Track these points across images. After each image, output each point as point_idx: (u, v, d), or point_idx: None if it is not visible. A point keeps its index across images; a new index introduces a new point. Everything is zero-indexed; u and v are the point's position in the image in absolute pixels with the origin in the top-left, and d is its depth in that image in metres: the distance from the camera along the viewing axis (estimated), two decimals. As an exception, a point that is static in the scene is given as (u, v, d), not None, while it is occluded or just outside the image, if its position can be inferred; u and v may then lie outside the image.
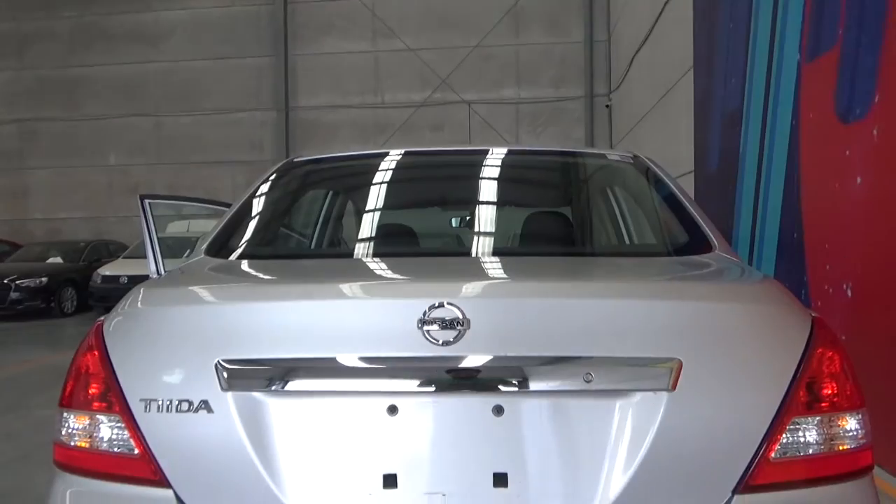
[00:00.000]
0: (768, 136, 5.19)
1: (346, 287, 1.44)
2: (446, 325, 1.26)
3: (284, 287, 1.56)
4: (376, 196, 2.27)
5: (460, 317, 1.26)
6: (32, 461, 3.99)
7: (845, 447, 1.29)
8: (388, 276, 1.68)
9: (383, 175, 2.27)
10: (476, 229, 2.21)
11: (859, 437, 1.30)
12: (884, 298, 3.53)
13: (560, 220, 2.28)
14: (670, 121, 8.72)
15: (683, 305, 1.34)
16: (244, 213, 2.09)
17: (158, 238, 3.89)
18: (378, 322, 1.31)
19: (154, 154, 16.04)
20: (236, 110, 15.75)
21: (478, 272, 1.63)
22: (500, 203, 2.27)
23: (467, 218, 2.28)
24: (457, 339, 1.26)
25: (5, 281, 11.16)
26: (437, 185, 2.43)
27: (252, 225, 2.07)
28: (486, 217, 2.17)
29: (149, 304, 1.45)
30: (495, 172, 2.28)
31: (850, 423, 1.30)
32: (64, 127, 16.19)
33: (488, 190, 2.24)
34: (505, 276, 1.62)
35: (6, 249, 13.99)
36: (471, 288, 1.38)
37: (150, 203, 4.11)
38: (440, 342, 1.26)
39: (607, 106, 14.70)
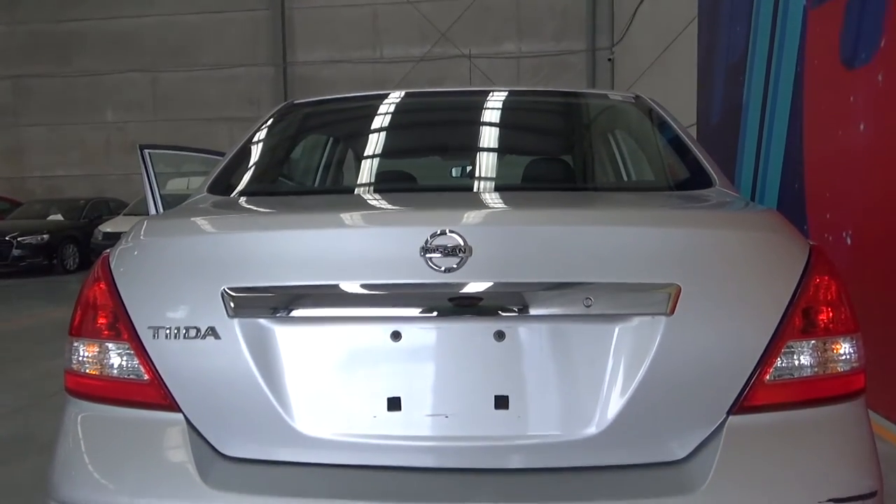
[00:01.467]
0: (772, 84, 5.14)
1: (349, 216, 1.45)
2: (448, 252, 1.27)
3: (288, 216, 1.57)
4: (375, 144, 2.26)
5: (462, 244, 1.28)
6: (41, 408, 4.07)
7: (839, 370, 1.32)
8: (391, 206, 1.69)
9: (382, 121, 2.26)
10: (477, 176, 2.21)
11: (853, 360, 1.33)
12: (883, 246, 3.55)
13: (563, 165, 2.28)
14: (673, 74, 8.62)
15: (683, 232, 1.35)
16: (246, 153, 2.09)
17: (159, 186, 3.90)
18: (381, 250, 1.32)
19: (151, 111, 15.90)
20: (233, 66, 15.55)
21: (479, 203, 1.64)
22: (502, 151, 2.26)
23: (468, 168, 2.28)
24: (459, 266, 1.27)
25: (7, 238, 11.19)
26: (437, 133, 2.42)
27: (254, 164, 2.07)
28: (487, 166, 2.16)
29: (154, 235, 1.46)
30: (497, 117, 2.27)
31: (844, 348, 1.33)
32: (59, 83, 16.00)
33: (490, 137, 2.23)
34: (506, 205, 1.63)
35: (6, 207, 13.99)
36: (472, 216, 1.39)
37: (149, 153, 4.11)
38: (442, 269, 1.27)
39: (609, 59, 14.50)
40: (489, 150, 2.09)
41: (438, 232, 1.29)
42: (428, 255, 1.28)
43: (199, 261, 1.38)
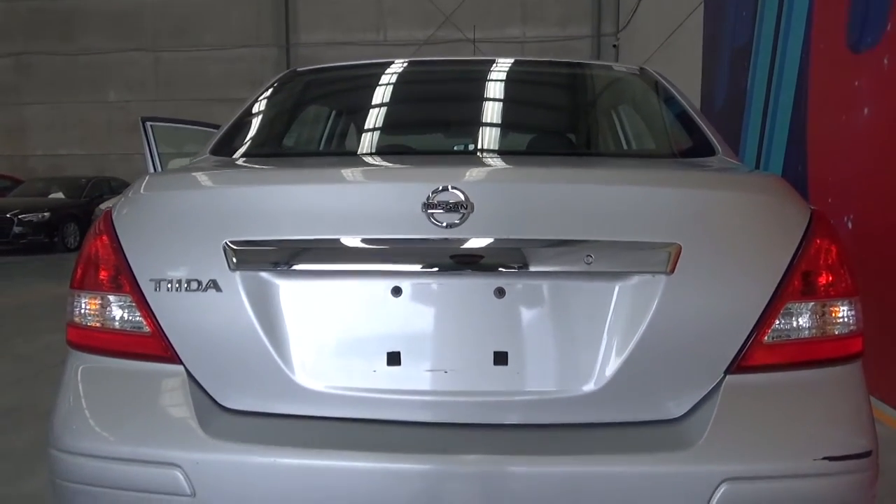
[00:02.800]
0: (777, 69, 5.12)
1: (351, 171, 1.45)
2: (450, 208, 1.28)
3: (291, 171, 1.57)
4: (376, 118, 2.25)
5: (464, 200, 1.28)
6: (41, 379, 4.09)
7: (837, 333, 1.33)
8: (394, 164, 1.69)
9: (384, 94, 2.24)
10: (481, 148, 2.21)
11: (850, 324, 1.33)
12: (884, 232, 3.55)
13: (567, 135, 2.26)
14: (678, 60, 8.57)
15: (684, 192, 1.35)
16: (249, 118, 2.08)
17: (161, 159, 3.90)
18: (383, 205, 1.32)
19: (153, 91, 15.84)
20: (236, 46, 15.48)
21: (482, 162, 1.64)
22: (508, 123, 2.25)
23: (470, 146, 2.27)
24: (460, 222, 1.28)
25: (8, 215, 11.19)
26: (440, 109, 2.41)
27: (257, 129, 2.07)
28: (491, 138, 2.15)
29: (157, 189, 1.47)
30: (501, 91, 2.26)
31: (843, 311, 1.33)
32: (61, 61, 15.94)
33: (494, 113, 2.22)
34: (509, 164, 1.63)
35: (7, 185, 13.98)
36: (475, 173, 1.39)
37: (151, 125, 4.11)
38: (444, 225, 1.28)
39: (615, 46, 14.43)
40: (495, 125, 2.08)
41: (440, 188, 1.29)
42: (430, 211, 1.28)
43: (202, 214, 1.39)
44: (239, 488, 1.24)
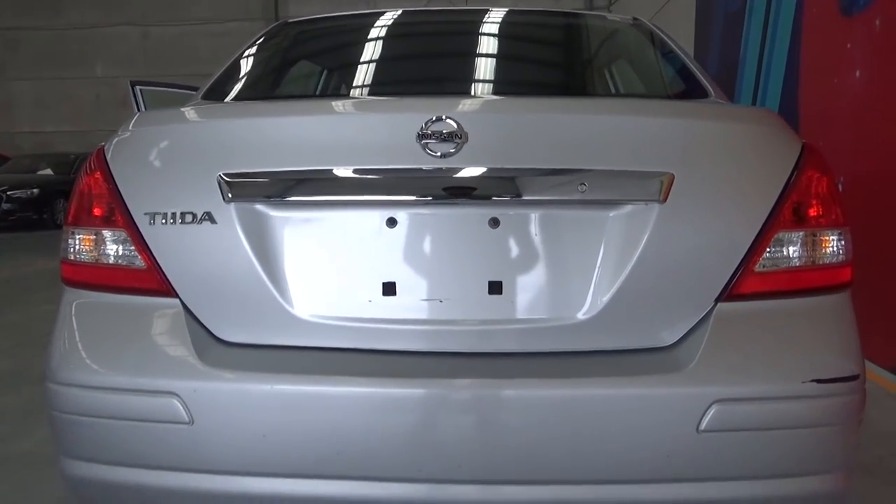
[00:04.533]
0: (769, 36, 5.11)
1: (346, 103, 1.45)
2: (444, 138, 1.28)
3: (285, 104, 1.57)
4: (368, 66, 2.22)
5: (458, 130, 1.28)
6: (33, 346, 4.10)
7: (825, 262, 1.34)
8: (388, 96, 1.69)
9: (376, 43, 2.22)
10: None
11: (839, 254, 1.35)
12: (874, 193, 3.57)
13: (563, 78, 2.24)
14: (671, 29, 8.52)
15: (678, 123, 1.36)
16: (240, 66, 2.07)
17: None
18: (377, 136, 1.32)
19: (142, 66, 15.65)
20: (225, 20, 15.28)
21: (476, 96, 1.64)
22: (501, 71, 2.22)
23: (464, 89, 2.24)
24: (455, 151, 1.28)
25: (-4, 191, 11.09)
26: (433, 57, 2.38)
27: (248, 75, 2.05)
28: (483, 84, 2.14)
29: (149, 125, 1.46)
30: (495, 39, 2.22)
31: (832, 241, 1.35)
32: (48, 36, 15.71)
33: (488, 59, 2.18)
34: (503, 96, 1.64)
35: (-6, 162, 13.83)
36: (469, 104, 1.39)
37: (141, 89, 4.07)
38: (438, 154, 1.28)
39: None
40: (489, 70, 2.07)
41: (434, 118, 1.29)
42: (424, 141, 1.28)
43: (195, 147, 1.38)
44: (236, 416, 1.26)
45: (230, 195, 1.33)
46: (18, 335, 4.48)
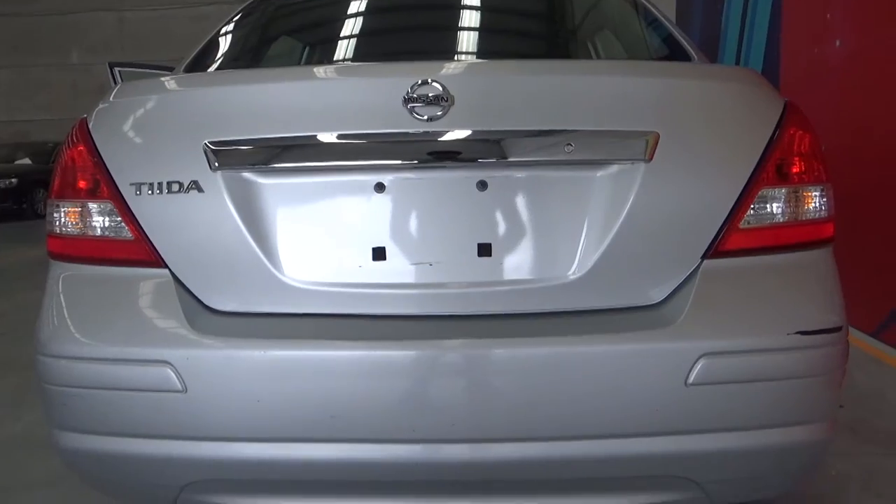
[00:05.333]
0: (750, 10, 5.13)
1: (331, 69, 1.44)
2: (430, 101, 1.28)
3: (269, 71, 1.56)
4: (350, 33, 2.19)
5: (444, 93, 1.28)
6: (18, 335, 4.06)
7: (809, 218, 1.37)
8: (373, 60, 1.68)
9: (354, 23, 2.19)
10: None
11: (822, 209, 1.38)
12: (854, 160, 3.62)
13: (544, 46, 2.24)
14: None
15: (662, 82, 1.37)
16: (220, 42, 2.05)
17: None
18: (364, 101, 1.32)
19: (119, 52, 15.37)
20: (203, 3, 15.04)
21: (461, 56, 1.64)
22: (485, 36, 2.21)
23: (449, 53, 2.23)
24: (442, 114, 1.28)
25: (-26, 182, 10.92)
26: (416, 24, 2.36)
27: (229, 49, 2.03)
28: (468, 46, 2.13)
29: (132, 95, 1.45)
30: (479, 15, 2.21)
31: (815, 197, 1.37)
32: (23, 23, 15.39)
33: (472, 24, 2.17)
34: (488, 59, 1.64)
35: (-30, 153, 13.57)
36: (455, 67, 1.39)
37: (119, 71, 4.00)
38: (425, 118, 1.28)
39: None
40: (473, 32, 2.06)
41: (420, 82, 1.29)
42: (410, 105, 1.28)
43: (179, 116, 1.38)
44: (230, 382, 1.26)
45: (216, 163, 1.32)
46: (2, 324, 4.44)
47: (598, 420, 1.25)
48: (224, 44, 2.03)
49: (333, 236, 1.35)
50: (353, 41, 2.06)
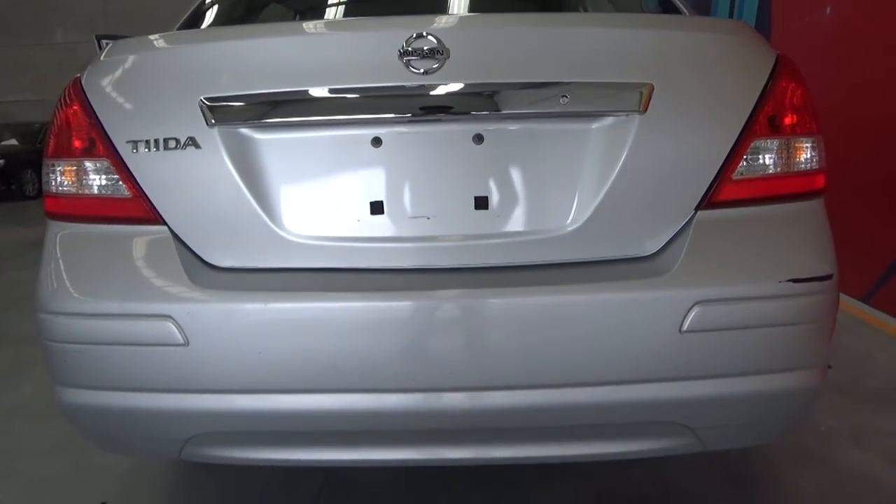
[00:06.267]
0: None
1: (327, 24, 1.44)
2: (426, 54, 1.28)
3: (263, 26, 1.55)
4: (338, 11, 2.19)
5: (439, 46, 1.28)
6: (12, 311, 4.06)
7: (801, 169, 1.38)
8: (367, 14, 1.68)
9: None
10: None
11: (814, 161, 1.39)
12: (842, 128, 3.63)
13: (538, 3, 2.23)
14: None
15: (657, 34, 1.38)
16: (211, 7, 2.03)
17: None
18: (360, 54, 1.32)
19: (103, 30, 15.10)
20: (188, -20, 14.81)
21: (456, 10, 1.64)
22: (482, 6, 2.20)
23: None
24: (437, 68, 1.29)
25: (-40, 163, 10.78)
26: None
27: (223, 7, 2.02)
28: (462, 6, 2.13)
29: (127, 52, 1.44)
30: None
31: (807, 149, 1.39)
32: (4, 2, 15.11)
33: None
34: (483, 12, 1.64)
35: (-44, 134, 13.39)
36: (449, 20, 1.39)
37: (107, 43, 3.95)
38: (421, 71, 1.29)
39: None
40: (475, 6, 2.05)
41: (415, 35, 1.29)
42: (406, 59, 1.29)
43: (174, 73, 1.37)
44: (231, 335, 1.27)
45: (213, 120, 1.32)
46: (-5, 300, 4.43)
47: (595, 368, 1.28)
48: (214, 10, 2.01)
49: (331, 191, 1.35)
50: (346, 4, 2.05)
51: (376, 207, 1.34)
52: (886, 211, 3.46)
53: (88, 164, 1.38)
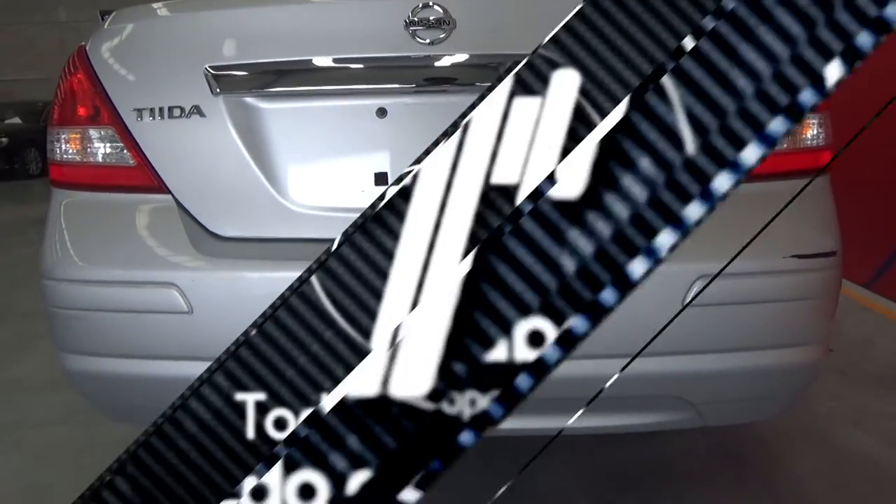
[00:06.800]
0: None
1: None
2: (432, 24, 1.28)
3: None
4: None
5: (446, 17, 1.28)
6: (17, 287, 4.08)
7: (806, 146, 1.38)
8: None
9: None
10: None
11: (819, 138, 1.39)
12: (842, 111, 3.61)
13: None
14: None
15: None
16: None
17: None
18: (364, 24, 1.32)
19: (106, 6, 15.09)
20: (192, -41, 14.73)
21: None
22: None
23: None
24: (444, 38, 1.28)
25: (-36, 142, 10.78)
26: None
27: None
28: None
29: (131, 21, 1.43)
30: None
31: (812, 125, 1.38)
32: (5, -20, 15.07)
33: None
34: None
35: (-41, 112, 13.37)
36: None
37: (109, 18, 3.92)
38: (427, 42, 1.28)
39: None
40: None
41: (421, 5, 1.28)
42: (412, 29, 1.28)
43: (179, 41, 1.37)
44: (235, 303, 1.27)
45: (218, 88, 1.32)
46: (1, 276, 4.46)
47: (597, 340, 1.27)
48: None
49: (336, 161, 1.35)
50: None
51: (381, 178, 1.34)
52: (890, 197, 3.45)
53: (93, 132, 1.38)
